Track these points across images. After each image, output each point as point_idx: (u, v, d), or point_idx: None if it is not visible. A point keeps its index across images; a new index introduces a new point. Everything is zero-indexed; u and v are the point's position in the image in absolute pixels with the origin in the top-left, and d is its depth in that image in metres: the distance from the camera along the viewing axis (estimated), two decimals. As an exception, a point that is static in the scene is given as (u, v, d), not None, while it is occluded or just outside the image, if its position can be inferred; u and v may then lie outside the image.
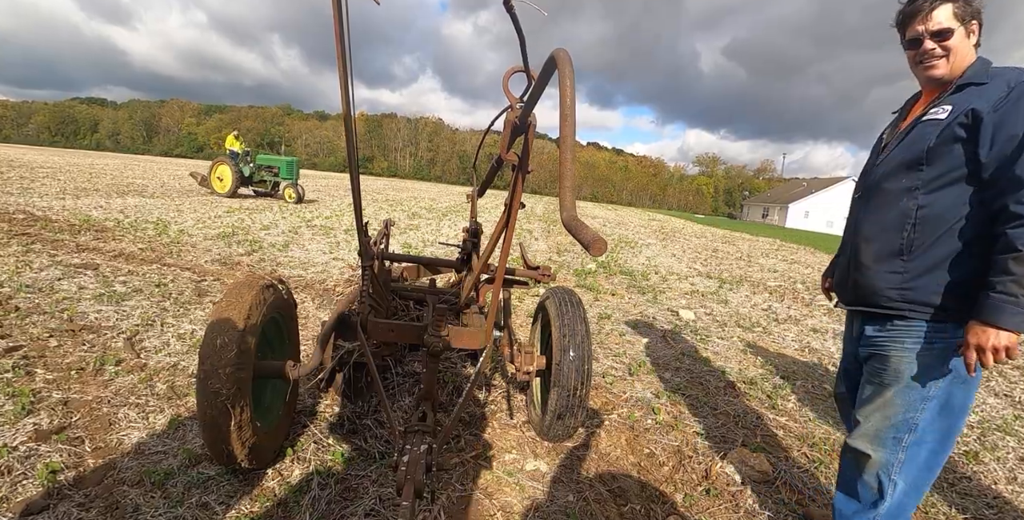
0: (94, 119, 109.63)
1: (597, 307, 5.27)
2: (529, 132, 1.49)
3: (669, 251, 11.69)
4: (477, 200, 3.20)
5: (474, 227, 3.15)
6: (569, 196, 0.90)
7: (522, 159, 1.60)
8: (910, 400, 1.47)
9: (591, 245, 0.80)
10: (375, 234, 2.82)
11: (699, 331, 4.71)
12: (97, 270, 4.83)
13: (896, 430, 1.50)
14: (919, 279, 1.43)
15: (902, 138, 1.53)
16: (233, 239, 7.11)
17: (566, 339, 2.13)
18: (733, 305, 6.08)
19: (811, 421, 2.99)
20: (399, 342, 2.20)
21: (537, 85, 1.26)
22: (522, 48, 1.33)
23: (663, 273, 8.00)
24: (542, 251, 9.25)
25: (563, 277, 6.74)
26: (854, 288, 1.60)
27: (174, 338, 3.34)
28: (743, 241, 18.40)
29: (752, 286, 7.71)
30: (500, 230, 1.93)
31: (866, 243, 1.55)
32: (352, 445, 2.23)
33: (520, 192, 1.73)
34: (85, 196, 11.35)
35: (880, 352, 1.53)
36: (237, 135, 15.72)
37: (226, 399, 1.62)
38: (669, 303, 5.84)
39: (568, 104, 0.94)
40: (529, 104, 1.39)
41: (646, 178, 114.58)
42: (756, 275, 9.06)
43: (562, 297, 2.36)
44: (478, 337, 2.07)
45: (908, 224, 1.45)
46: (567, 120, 0.94)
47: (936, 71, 1.50)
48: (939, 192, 1.41)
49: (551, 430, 2.20)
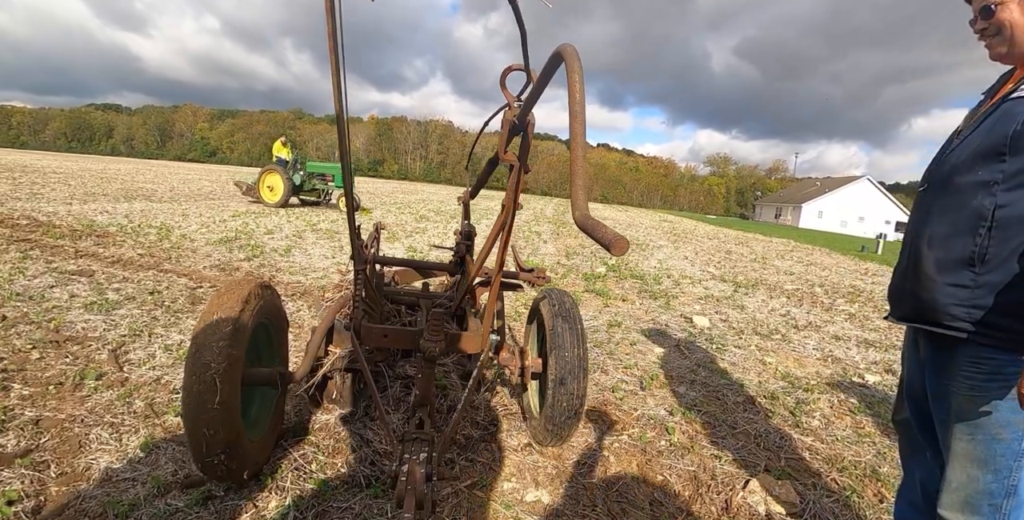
0: (109, 125, 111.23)
1: (607, 314, 5.05)
2: (528, 131, 1.44)
3: (681, 253, 11.42)
4: (470, 202, 3.14)
5: (467, 230, 3.08)
6: (581, 195, 0.88)
7: (521, 159, 1.53)
8: (999, 455, 1.20)
9: (612, 244, 0.75)
10: (366, 237, 2.76)
11: (715, 339, 4.47)
12: (92, 277, 4.71)
13: (991, 495, 1.23)
14: (993, 296, 1.17)
15: (982, 121, 1.26)
16: (235, 244, 6.99)
17: (561, 340, 2.10)
18: (750, 311, 5.82)
19: (839, 441, 2.76)
20: (393, 347, 2.15)
21: (539, 83, 1.22)
22: (523, 44, 1.30)
23: (676, 277, 7.75)
24: (550, 254, 9.04)
25: (571, 281, 6.52)
26: (912, 301, 1.34)
27: (161, 349, 3.18)
28: (756, 242, 18.05)
29: (768, 290, 7.43)
30: (497, 231, 1.84)
31: (929, 248, 1.29)
32: (335, 471, 2.05)
33: (519, 193, 1.66)
34: (92, 201, 11.34)
35: (950, 388, 1.27)
36: (285, 141, 14.99)
37: (214, 407, 1.55)
38: (682, 309, 5.60)
39: (578, 101, 0.92)
40: (528, 103, 1.34)
41: (657, 179, 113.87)
42: (772, 278, 8.77)
43: (556, 298, 2.31)
44: (474, 341, 2.03)
45: (982, 227, 1.18)
46: (577, 118, 0.92)
47: (997, 49, 1.28)
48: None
49: (547, 433, 2.17)
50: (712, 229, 24.89)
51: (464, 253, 2.96)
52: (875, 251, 19.81)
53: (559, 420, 2.08)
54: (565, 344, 2.09)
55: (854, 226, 57.70)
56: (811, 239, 23.48)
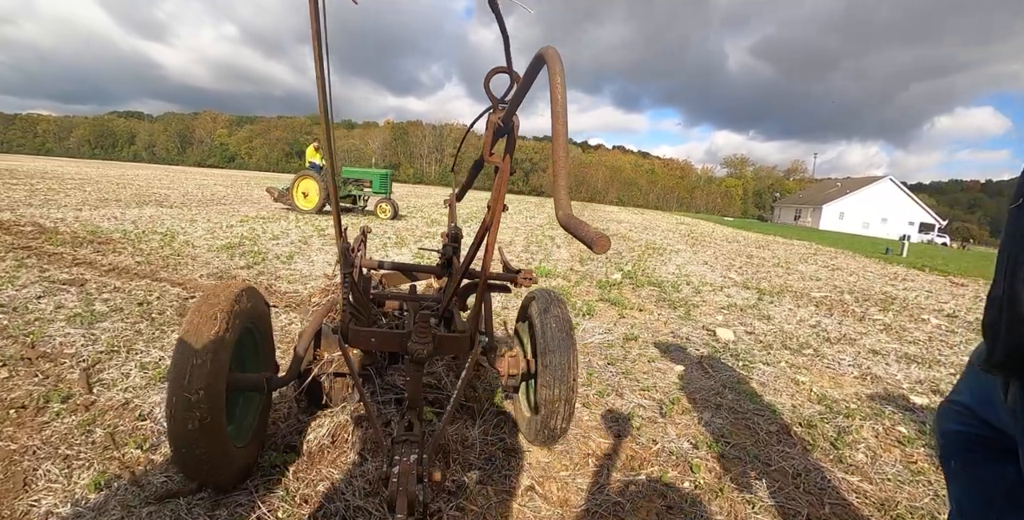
0: (131, 132, 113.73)
1: (623, 326, 4.72)
2: (513, 133, 1.44)
3: (700, 258, 11.00)
4: (455, 204, 3.17)
5: (454, 231, 3.08)
6: (564, 195, 0.89)
7: (506, 161, 1.53)
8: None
9: (594, 243, 0.77)
10: (353, 241, 2.69)
11: (741, 355, 4.11)
12: (83, 286, 4.52)
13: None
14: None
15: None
16: (237, 251, 6.79)
17: (550, 340, 2.12)
18: (776, 321, 5.44)
19: (889, 480, 2.40)
20: (380, 350, 2.19)
21: (522, 85, 1.23)
22: (506, 47, 1.33)
23: (695, 283, 7.36)
24: (564, 259, 8.71)
25: (585, 289, 6.20)
26: (1006, 342, 1.04)
27: (136, 368, 2.94)
28: (777, 245, 17.48)
29: (795, 298, 7.01)
30: (483, 232, 1.83)
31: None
32: (309, 509, 1.76)
33: (504, 194, 1.64)
34: (103, 207, 11.31)
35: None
36: (318, 147, 14.37)
37: (198, 413, 1.52)
38: (704, 319, 5.24)
39: (560, 102, 0.93)
40: (513, 104, 1.36)
41: (673, 181, 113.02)
42: (797, 284, 8.33)
43: (544, 297, 2.36)
44: (462, 343, 2.04)
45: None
46: (559, 119, 0.93)
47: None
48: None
49: (540, 434, 2.20)
50: (731, 232, 24.30)
51: (451, 255, 2.94)
52: (900, 253, 19.17)
53: (550, 421, 2.11)
54: (554, 344, 2.10)
55: (877, 227, 56.34)
56: (833, 241, 22.76)
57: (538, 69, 1.10)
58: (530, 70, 1.14)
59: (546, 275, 6.84)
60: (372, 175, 13.98)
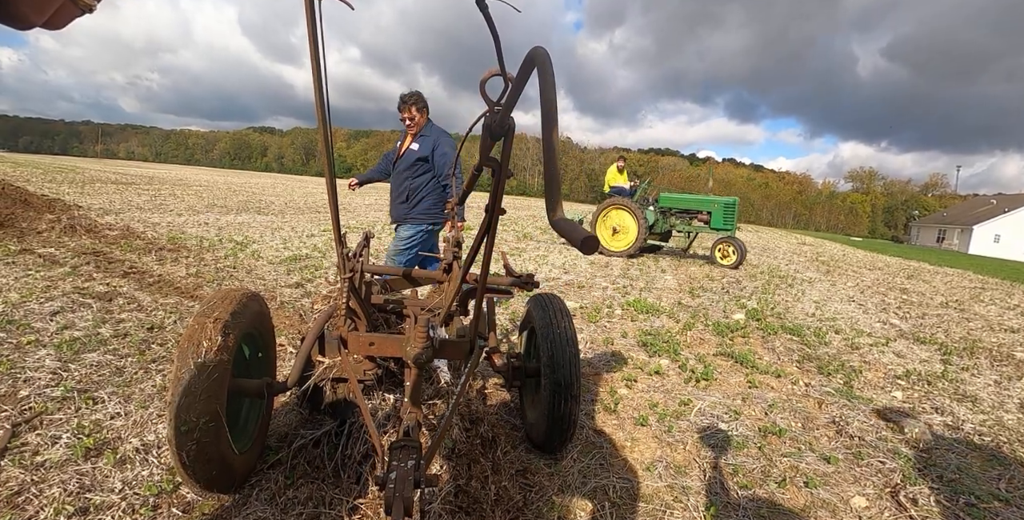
0: (264, 145, 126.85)
1: (756, 404, 3.31)
2: (508, 136, 1.36)
3: (842, 291, 8.94)
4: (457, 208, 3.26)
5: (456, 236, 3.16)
6: (556, 197, 0.88)
7: (503, 164, 1.43)
8: None
9: (583, 244, 0.75)
10: (355, 246, 2.49)
11: (947, 476, 2.58)
12: (110, 302, 4.04)
13: None
14: None
15: None
16: (296, 265, 6.23)
17: (553, 345, 2.15)
18: (987, 406, 3.70)
19: None
20: (380, 356, 2.16)
21: (515, 87, 1.18)
22: (497, 49, 1.27)
23: (846, 331, 5.61)
24: (670, 289, 7.29)
25: (698, 335, 4.79)
26: None
27: (71, 432, 2.20)
28: (928, 273, 14.43)
29: (995, 360, 5.05)
30: (481, 237, 1.64)
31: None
32: None
33: (501, 197, 1.50)
34: (205, 212, 11.66)
35: None
36: (622, 166, 11.63)
37: (200, 418, 1.55)
38: (874, 396, 3.66)
39: (549, 105, 0.91)
40: (507, 107, 1.26)
41: (789, 195, 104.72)
42: (986, 337, 6.23)
43: (546, 302, 2.37)
44: (463, 348, 2.09)
45: None
46: (549, 121, 0.92)
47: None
48: None
49: (544, 437, 2.25)
50: (865, 255, 20.91)
51: (452, 260, 2.94)
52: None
53: (555, 423, 2.16)
54: (557, 349, 2.13)
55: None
56: (994, 270, 18.61)
57: (530, 71, 1.06)
58: (522, 72, 1.11)
59: (647, 311, 5.50)
60: (710, 204, 10.40)
